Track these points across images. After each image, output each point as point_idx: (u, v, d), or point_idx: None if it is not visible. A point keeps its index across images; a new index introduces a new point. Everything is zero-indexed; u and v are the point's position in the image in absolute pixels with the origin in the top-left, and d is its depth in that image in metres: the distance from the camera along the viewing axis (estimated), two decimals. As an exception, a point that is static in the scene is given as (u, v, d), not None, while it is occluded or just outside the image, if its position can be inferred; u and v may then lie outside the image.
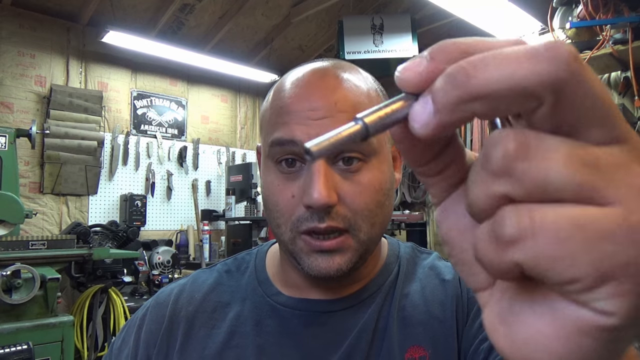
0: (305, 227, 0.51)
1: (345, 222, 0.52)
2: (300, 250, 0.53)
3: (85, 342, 2.82)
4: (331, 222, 0.51)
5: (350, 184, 0.52)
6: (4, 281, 2.08)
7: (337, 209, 0.51)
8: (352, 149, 0.52)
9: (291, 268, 0.60)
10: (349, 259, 0.52)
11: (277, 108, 0.55)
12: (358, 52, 3.64)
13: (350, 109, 0.52)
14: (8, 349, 2.00)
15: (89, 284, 2.85)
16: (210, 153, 4.48)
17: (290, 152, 0.53)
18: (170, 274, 3.45)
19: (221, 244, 4.21)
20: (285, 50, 4.50)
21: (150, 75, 4.13)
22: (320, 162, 0.50)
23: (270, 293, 0.61)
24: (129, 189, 3.91)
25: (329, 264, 0.52)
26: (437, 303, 0.59)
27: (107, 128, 3.86)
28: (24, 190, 3.35)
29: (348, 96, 0.53)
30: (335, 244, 0.51)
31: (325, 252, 0.52)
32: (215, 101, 4.57)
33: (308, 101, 0.52)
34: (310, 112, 0.52)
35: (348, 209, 0.52)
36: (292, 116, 0.52)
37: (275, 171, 0.54)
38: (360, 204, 0.52)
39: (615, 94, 3.34)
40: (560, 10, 3.12)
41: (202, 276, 0.66)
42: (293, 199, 0.52)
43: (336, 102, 0.52)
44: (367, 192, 0.53)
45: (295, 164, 0.53)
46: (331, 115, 0.52)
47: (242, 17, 3.97)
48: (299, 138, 0.51)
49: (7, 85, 3.39)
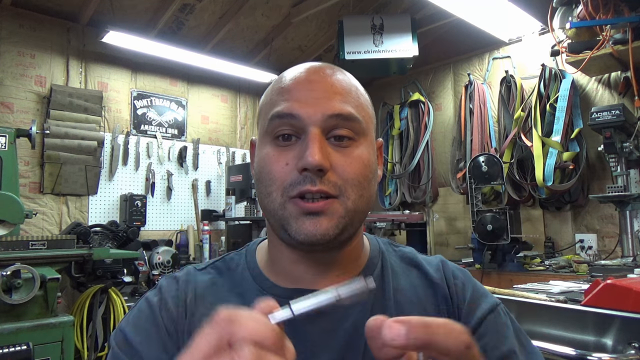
0: (297, 190, 0.55)
1: (335, 189, 0.55)
2: (289, 215, 0.56)
3: (85, 342, 2.82)
4: (322, 186, 0.55)
5: (342, 156, 0.57)
6: (4, 281, 2.07)
7: (329, 175, 0.55)
8: (343, 126, 0.57)
9: (282, 253, 0.61)
10: (334, 224, 0.55)
11: (277, 91, 0.60)
12: (358, 52, 3.64)
13: (345, 91, 0.59)
14: (8, 349, 2.00)
15: (89, 284, 2.85)
16: (210, 153, 4.48)
17: (288, 124, 0.57)
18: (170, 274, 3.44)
19: (221, 244, 4.21)
20: (285, 50, 4.50)
21: (150, 75, 4.13)
22: (315, 132, 0.55)
23: (265, 286, 0.63)
24: (129, 189, 3.91)
25: (316, 226, 0.55)
26: (430, 303, 0.63)
27: (107, 128, 3.86)
28: (24, 190, 3.35)
29: (342, 81, 0.60)
30: (321, 205, 0.55)
31: (313, 214, 0.55)
32: (215, 101, 4.57)
33: (307, 82, 0.58)
34: (309, 92, 0.57)
35: (339, 176, 0.56)
36: (292, 94, 0.58)
37: (271, 144, 0.58)
38: (350, 172, 0.56)
39: (615, 94, 3.34)
40: (560, 10, 3.12)
41: (198, 276, 0.66)
42: (287, 166, 0.56)
43: (332, 85, 0.59)
44: (356, 164, 0.57)
45: (291, 138, 0.57)
46: (327, 97, 0.57)
47: (242, 17, 3.97)
48: (297, 112, 0.56)
49: (7, 85, 3.39)
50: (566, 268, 3.01)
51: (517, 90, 3.75)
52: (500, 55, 4.03)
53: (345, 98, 0.58)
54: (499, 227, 3.14)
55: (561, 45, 3.18)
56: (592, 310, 1.30)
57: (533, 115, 3.44)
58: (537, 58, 3.69)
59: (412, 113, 4.49)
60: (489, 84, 4.05)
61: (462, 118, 4.03)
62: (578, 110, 3.36)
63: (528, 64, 3.82)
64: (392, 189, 4.56)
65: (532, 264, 3.22)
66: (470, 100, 4.02)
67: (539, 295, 1.50)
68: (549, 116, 3.40)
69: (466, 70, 4.21)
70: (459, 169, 4.01)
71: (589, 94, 3.46)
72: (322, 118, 0.56)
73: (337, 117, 0.56)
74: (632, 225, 2.67)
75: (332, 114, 0.56)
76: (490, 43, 4.02)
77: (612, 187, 2.71)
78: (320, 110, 0.56)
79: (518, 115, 3.61)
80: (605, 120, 2.61)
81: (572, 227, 3.54)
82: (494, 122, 3.93)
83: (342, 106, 0.57)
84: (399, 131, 4.52)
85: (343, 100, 0.58)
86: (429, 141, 4.32)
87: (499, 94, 3.88)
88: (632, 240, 2.66)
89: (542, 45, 3.71)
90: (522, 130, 3.56)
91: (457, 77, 4.33)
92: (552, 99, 3.39)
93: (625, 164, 2.74)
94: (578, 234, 3.48)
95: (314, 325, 0.58)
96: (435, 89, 4.50)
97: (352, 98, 0.59)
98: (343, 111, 0.57)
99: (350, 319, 0.59)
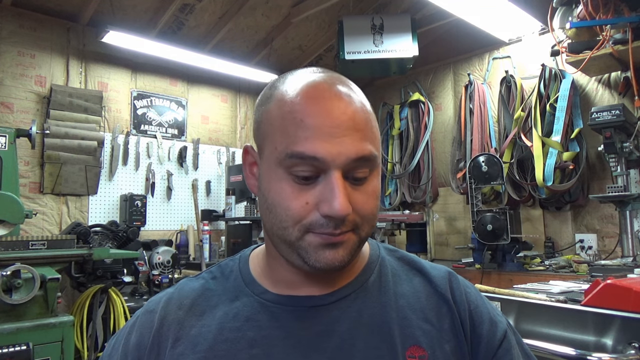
0: (320, 231, 0.55)
1: (353, 225, 0.57)
2: (308, 245, 0.56)
3: (85, 342, 2.82)
4: (344, 228, 0.56)
5: (359, 194, 0.57)
6: (4, 281, 2.07)
7: (349, 216, 0.55)
8: (364, 167, 0.56)
9: (282, 265, 0.62)
10: (349, 252, 0.57)
11: (291, 119, 0.56)
12: (358, 52, 3.64)
13: (364, 126, 0.57)
14: (8, 349, 2.00)
15: (89, 284, 2.85)
16: (210, 153, 4.48)
17: (310, 165, 0.54)
18: (170, 274, 3.45)
19: (221, 244, 4.21)
20: (285, 50, 4.50)
21: (150, 75, 4.13)
22: (338, 176, 0.54)
23: (257, 292, 0.63)
24: (129, 189, 3.91)
25: (335, 256, 0.56)
26: (433, 310, 0.63)
27: (107, 128, 3.86)
28: (24, 190, 3.35)
29: (360, 113, 0.57)
30: (340, 238, 0.56)
31: (332, 245, 0.56)
32: (215, 101, 4.57)
33: (329, 118, 0.55)
34: (332, 129, 0.54)
35: (357, 215, 0.56)
36: (313, 132, 0.54)
37: (287, 179, 0.56)
38: (367, 209, 0.57)
39: (615, 94, 3.34)
40: (560, 10, 3.12)
41: (189, 284, 0.68)
42: (307, 205, 0.55)
43: (353, 119, 0.56)
44: (371, 199, 0.58)
45: (311, 177, 0.55)
46: (350, 134, 0.55)
47: (242, 17, 3.97)
48: (321, 155, 0.53)
49: (7, 85, 3.39)
50: (566, 268, 3.01)
51: (517, 90, 3.75)
52: (500, 55, 4.03)
53: (366, 134, 0.57)
54: (499, 227, 3.14)
55: (561, 45, 3.18)
56: (592, 310, 1.30)
57: (533, 115, 3.44)
58: (537, 58, 3.69)
59: (412, 113, 4.49)
60: (489, 84, 4.05)
61: (462, 118, 4.03)
62: (578, 110, 3.36)
63: (528, 64, 3.82)
64: (392, 189, 4.56)
65: (532, 264, 3.22)
66: (470, 100, 4.02)
67: (539, 295, 1.50)
68: (549, 116, 3.40)
69: (466, 70, 4.21)
70: (459, 169, 4.01)
71: (589, 94, 3.46)
72: (346, 162, 0.54)
73: (359, 160, 0.55)
74: (632, 225, 2.67)
75: (356, 157, 0.55)
76: (490, 43, 4.02)
77: (612, 187, 2.71)
78: (345, 154, 0.54)
79: (518, 115, 3.61)
80: (605, 120, 2.61)
81: (572, 227, 3.54)
82: (494, 122, 3.93)
83: (364, 147, 0.56)
84: (399, 131, 4.52)
85: (364, 137, 0.56)
86: (429, 141, 4.32)
87: (499, 94, 3.88)
88: (632, 240, 2.66)
89: (542, 45, 3.71)
90: (522, 130, 3.56)
91: (457, 77, 4.33)
92: (552, 99, 3.39)
93: (625, 164, 2.74)
94: (578, 234, 3.48)
95: (307, 330, 0.59)
96: (435, 89, 4.50)
97: (370, 132, 0.58)
98: (366, 153, 0.56)
99: (344, 322, 0.59)
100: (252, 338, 0.59)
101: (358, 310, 0.60)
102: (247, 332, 0.59)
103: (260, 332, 0.59)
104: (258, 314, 0.61)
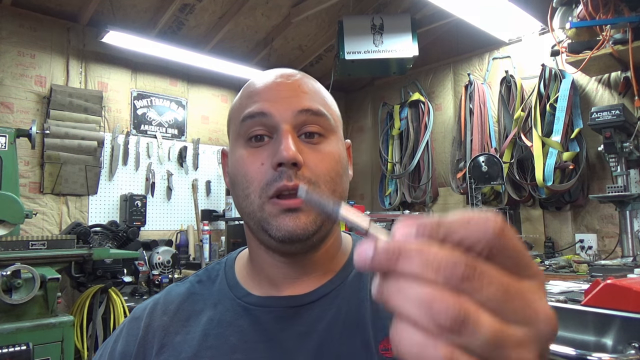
0: (275, 187, 0.56)
1: (309, 185, 0.57)
2: (268, 215, 0.57)
3: (85, 342, 2.82)
4: (298, 181, 0.56)
5: (313, 152, 0.59)
6: (4, 281, 2.07)
7: (303, 171, 0.56)
8: (313, 122, 0.59)
9: (261, 256, 0.63)
10: (312, 219, 0.57)
11: (246, 95, 0.63)
12: (358, 52, 3.64)
13: (311, 90, 0.62)
14: (7, 349, 2.00)
15: (89, 284, 2.85)
16: (210, 153, 4.48)
17: (260, 123, 0.59)
18: (170, 274, 3.45)
19: (221, 244, 4.21)
20: (285, 50, 4.50)
21: (150, 75, 4.13)
22: (287, 128, 0.57)
23: (240, 295, 0.63)
24: (129, 189, 3.91)
25: (296, 222, 0.56)
26: None
27: (107, 128, 3.86)
28: (24, 190, 3.34)
29: (309, 83, 0.63)
30: (298, 202, 0.56)
31: (292, 211, 0.56)
32: (215, 101, 4.57)
33: (275, 85, 0.61)
34: (278, 92, 0.60)
35: (311, 172, 0.57)
36: (261, 96, 0.60)
37: (244, 146, 0.60)
38: (322, 168, 0.58)
39: (615, 94, 3.34)
40: (560, 10, 3.12)
41: (175, 289, 0.68)
42: (262, 166, 0.58)
43: (299, 85, 0.61)
44: (327, 160, 0.59)
45: (264, 138, 0.59)
46: (296, 95, 0.60)
47: (242, 17, 3.97)
48: (268, 110, 0.58)
49: (7, 85, 3.39)
50: (566, 268, 3.01)
51: (517, 90, 3.75)
52: (500, 55, 4.03)
53: (313, 97, 0.61)
54: (499, 227, 3.14)
55: (561, 45, 3.18)
56: (592, 310, 1.30)
57: (533, 115, 3.44)
58: (537, 58, 3.69)
59: (412, 113, 4.49)
60: (489, 84, 4.05)
61: (462, 118, 4.03)
62: (578, 110, 3.36)
63: (528, 64, 3.82)
64: (392, 189, 4.56)
65: (532, 264, 3.21)
66: (470, 100, 4.02)
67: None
68: (549, 116, 3.40)
69: (466, 70, 4.21)
70: (459, 169, 4.01)
71: (589, 94, 3.46)
72: (293, 114, 0.58)
73: (306, 112, 0.59)
74: (632, 225, 2.67)
75: (301, 109, 0.58)
76: (490, 43, 4.02)
77: (612, 187, 2.71)
78: (290, 108, 0.58)
79: (518, 115, 3.61)
80: (605, 120, 2.61)
81: (572, 227, 3.54)
82: (494, 122, 3.93)
83: (310, 103, 0.60)
84: (399, 131, 4.52)
85: (310, 98, 0.61)
86: (429, 141, 4.32)
87: (499, 94, 3.88)
88: (632, 240, 2.66)
89: (542, 45, 3.71)
90: (522, 130, 3.56)
91: (457, 77, 4.33)
92: (552, 99, 3.39)
93: (625, 164, 2.74)
94: (578, 234, 3.48)
95: (288, 331, 0.58)
96: (435, 89, 4.50)
97: (319, 97, 0.62)
98: (312, 107, 0.59)
99: (324, 321, 0.59)
100: (234, 343, 0.59)
101: (337, 307, 0.59)
102: (230, 338, 0.59)
103: (242, 337, 0.59)
104: (240, 318, 0.61)
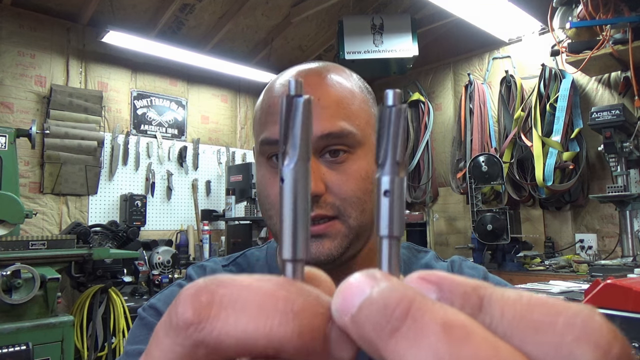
0: None
1: (334, 210, 0.54)
2: None
3: (85, 342, 2.82)
4: (319, 211, 0.53)
5: (337, 174, 0.55)
6: (4, 281, 2.07)
7: (325, 198, 0.54)
8: (337, 142, 0.54)
9: None
10: (338, 243, 0.54)
11: (266, 107, 0.58)
12: (358, 52, 3.64)
13: (333, 104, 0.55)
14: (7, 349, 2.00)
15: (89, 284, 2.85)
16: (210, 153, 4.48)
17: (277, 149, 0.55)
18: (170, 274, 3.45)
19: (221, 244, 4.20)
20: (285, 50, 4.50)
21: (150, 75, 4.13)
22: None
23: None
24: (129, 189, 3.91)
25: (319, 248, 0.54)
26: None
27: (107, 128, 3.86)
28: (24, 190, 3.34)
29: (330, 92, 0.56)
30: (322, 228, 0.54)
31: (315, 237, 0.54)
32: (215, 101, 4.57)
33: None
34: None
35: (336, 197, 0.54)
36: (278, 115, 0.55)
37: (266, 166, 0.58)
38: (347, 191, 0.54)
39: (615, 94, 3.34)
40: (560, 10, 3.12)
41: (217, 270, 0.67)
42: None
43: (319, 99, 0.55)
44: (353, 180, 0.55)
45: None
46: (315, 114, 0.54)
47: (242, 17, 3.96)
48: None
49: (7, 85, 3.39)
50: (566, 268, 3.01)
51: (517, 90, 3.75)
52: (500, 55, 4.03)
53: (336, 111, 0.55)
54: (499, 227, 3.14)
55: (561, 45, 3.18)
56: (592, 310, 1.30)
57: (533, 115, 3.44)
58: (537, 58, 3.69)
59: (412, 113, 4.49)
60: (489, 84, 4.05)
61: (462, 118, 4.03)
62: (578, 110, 3.36)
63: (528, 64, 3.82)
64: (392, 189, 4.55)
65: (532, 263, 3.21)
66: (470, 100, 4.01)
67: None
68: (549, 116, 3.40)
69: (466, 70, 4.21)
70: (459, 169, 4.01)
71: (589, 94, 3.46)
72: (312, 141, 0.54)
73: (327, 137, 0.54)
74: (632, 225, 2.67)
75: (321, 134, 0.53)
76: (490, 43, 4.01)
77: (612, 187, 2.71)
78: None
79: (518, 115, 3.61)
80: (605, 120, 2.61)
81: (572, 227, 3.54)
82: (494, 122, 3.93)
83: (331, 124, 0.54)
84: (399, 131, 4.51)
85: (332, 114, 0.54)
86: (429, 141, 4.32)
87: (499, 94, 3.88)
88: (632, 240, 2.66)
89: (542, 45, 3.70)
90: (522, 130, 3.56)
91: (457, 77, 4.33)
92: (552, 99, 3.39)
93: (625, 164, 2.74)
94: (578, 233, 3.48)
95: None
96: (435, 89, 4.50)
97: (342, 109, 0.55)
98: (332, 130, 0.54)
99: None
100: None
101: None
102: None
103: None
104: None
